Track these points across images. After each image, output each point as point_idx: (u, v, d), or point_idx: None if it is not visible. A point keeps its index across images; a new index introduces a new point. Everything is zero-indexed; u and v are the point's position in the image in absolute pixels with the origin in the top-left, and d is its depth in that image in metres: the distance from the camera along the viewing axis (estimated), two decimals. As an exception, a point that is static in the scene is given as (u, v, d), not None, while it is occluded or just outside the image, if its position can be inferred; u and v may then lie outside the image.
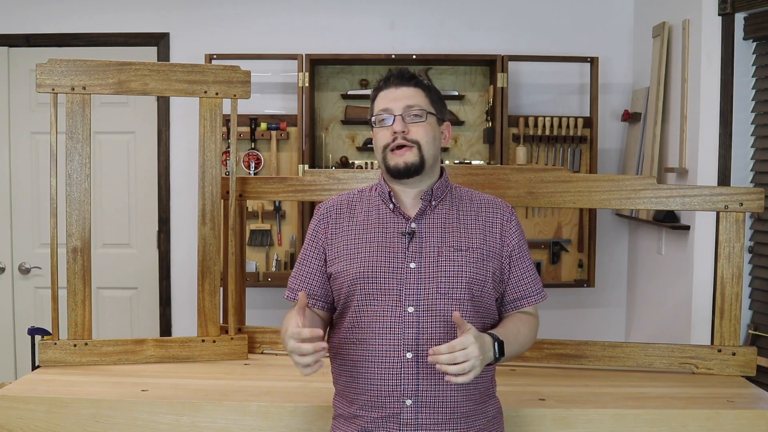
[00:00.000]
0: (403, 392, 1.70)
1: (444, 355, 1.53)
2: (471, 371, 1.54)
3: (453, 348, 1.53)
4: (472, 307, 1.73)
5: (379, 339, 1.71)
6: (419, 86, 1.79)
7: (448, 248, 1.74)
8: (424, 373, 1.69)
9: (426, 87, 1.81)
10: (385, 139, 1.76)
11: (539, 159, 3.73)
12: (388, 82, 1.80)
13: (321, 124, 3.88)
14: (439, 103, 1.83)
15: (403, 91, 1.77)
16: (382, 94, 1.80)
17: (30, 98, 3.90)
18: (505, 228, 1.81)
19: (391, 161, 1.75)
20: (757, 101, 3.10)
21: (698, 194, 2.44)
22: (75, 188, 2.48)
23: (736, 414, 2.09)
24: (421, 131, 1.75)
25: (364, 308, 1.73)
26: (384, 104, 1.77)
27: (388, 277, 1.72)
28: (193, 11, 3.87)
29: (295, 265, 1.88)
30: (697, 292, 3.14)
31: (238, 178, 2.63)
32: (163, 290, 3.95)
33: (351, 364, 1.75)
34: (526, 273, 1.83)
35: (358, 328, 1.74)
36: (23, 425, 2.11)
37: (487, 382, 1.79)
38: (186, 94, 2.54)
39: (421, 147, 1.75)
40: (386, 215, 1.79)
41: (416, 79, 1.80)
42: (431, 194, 1.79)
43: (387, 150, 1.76)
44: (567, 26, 3.87)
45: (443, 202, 1.81)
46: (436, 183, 1.81)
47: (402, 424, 1.70)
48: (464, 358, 1.53)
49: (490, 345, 1.63)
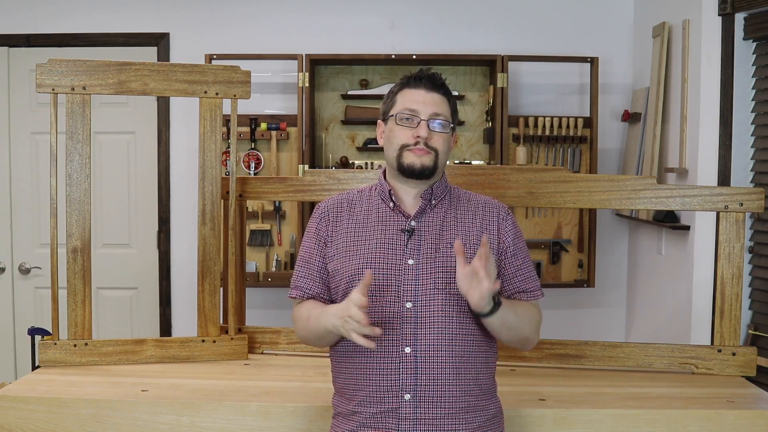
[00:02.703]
0: (402, 387, 1.71)
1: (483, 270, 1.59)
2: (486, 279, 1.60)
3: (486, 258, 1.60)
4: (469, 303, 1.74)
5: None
6: (447, 95, 1.82)
7: (445, 245, 1.76)
8: (422, 368, 1.70)
9: (450, 96, 1.84)
10: (406, 139, 1.77)
11: (539, 159, 3.73)
12: (419, 83, 1.80)
13: (321, 124, 3.88)
14: (455, 113, 1.86)
15: (433, 96, 1.79)
16: (411, 92, 1.80)
17: (30, 98, 3.90)
18: (501, 225, 1.83)
19: (407, 159, 1.77)
20: (757, 101, 3.10)
21: (698, 194, 2.44)
22: (75, 188, 2.48)
23: (736, 414, 2.09)
24: (441, 141, 1.78)
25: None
26: (412, 104, 1.78)
27: (386, 274, 1.74)
28: (193, 11, 3.87)
29: (297, 264, 1.88)
30: (697, 292, 3.14)
31: (238, 178, 2.62)
32: (163, 290, 3.95)
33: (350, 360, 1.76)
34: (522, 270, 1.84)
35: None
36: (23, 425, 2.11)
37: (487, 379, 1.79)
38: (186, 94, 2.54)
39: (438, 155, 1.78)
40: (386, 213, 1.81)
41: (446, 87, 1.82)
42: (431, 193, 1.81)
43: (404, 149, 1.77)
44: (567, 26, 3.87)
45: (442, 201, 1.83)
46: (436, 183, 1.83)
47: (400, 419, 1.70)
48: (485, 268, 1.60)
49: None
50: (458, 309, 1.73)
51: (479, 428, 1.75)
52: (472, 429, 1.74)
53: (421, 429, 1.70)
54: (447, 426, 1.71)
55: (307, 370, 2.45)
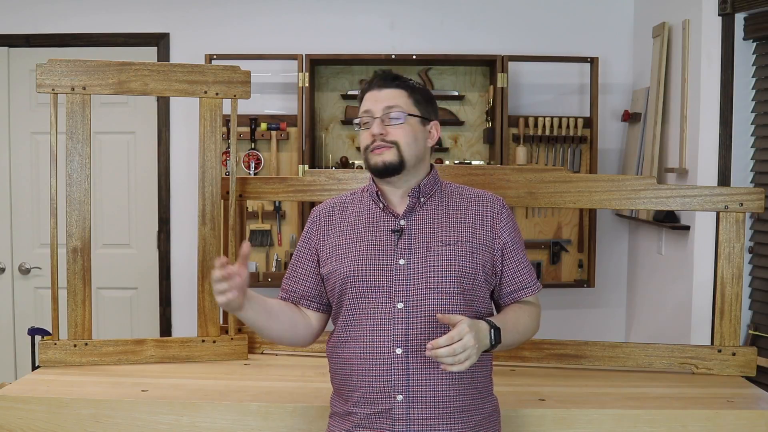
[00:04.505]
0: (394, 388, 1.71)
1: (443, 348, 1.53)
2: (467, 360, 1.55)
3: (451, 340, 1.54)
4: (463, 301, 1.74)
5: (369, 335, 1.73)
6: (401, 87, 1.80)
7: (436, 243, 1.75)
8: (414, 369, 1.70)
9: (409, 87, 1.81)
10: (366, 141, 1.79)
11: (539, 159, 3.73)
12: (371, 84, 1.82)
13: (321, 124, 3.88)
14: (424, 104, 1.82)
15: (386, 93, 1.79)
16: (367, 95, 1.82)
17: (30, 98, 3.90)
18: (496, 220, 1.81)
19: (371, 160, 1.78)
20: (757, 101, 3.10)
21: (698, 194, 2.44)
22: (75, 188, 2.48)
23: (736, 414, 2.09)
24: (400, 132, 1.77)
25: (355, 306, 1.76)
26: (366, 106, 1.80)
27: (377, 275, 1.74)
28: (193, 11, 3.87)
29: (288, 267, 1.91)
30: (697, 293, 3.14)
31: (238, 179, 2.62)
32: (163, 290, 3.95)
33: (345, 361, 1.77)
34: (521, 265, 1.83)
35: (350, 326, 1.76)
36: (23, 425, 2.11)
37: (483, 379, 1.79)
38: (186, 95, 2.54)
39: (400, 147, 1.76)
40: (376, 214, 1.81)
41: (399, 80, 1.81)
42: (419, 191, 1.80)
43: (367, 151, 1.79)
44: (567, 26, 3.87)
45: (432, 198, 1.82)
46: (424, 180, 1.81)
47: (394, 419, 1.70)
48: (462, 349, 1.54)
49: (486, 332, 1.63)
50: (450, 309, 1.71)
51: (475, 427, 1.75)
52: (468, 428, 1.73)
53: (414, 429, 1.70)
54: (441, 426, 1.71)
55: (307, 370, 2.45)
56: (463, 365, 1.55)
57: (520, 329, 1.77)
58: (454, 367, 1.54)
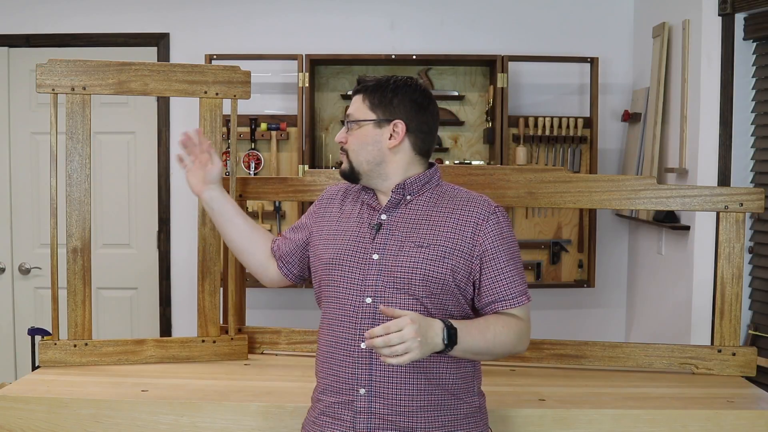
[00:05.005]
0: (358, 381, 1.71)
1: (378, 338, 1.51)
2: (407, 354, 1.50)
3: (388, 329, 1.50)
4: (431, 304, 1.70)
5: (339, 326, 1.75)
6: (360, 92, 1.83)
7: (410, 243, 1.73)
8: (378, 364, 1.70)
9: (367, 90, 1.81)
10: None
11: (539, 159, 3.73)
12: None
13: (321, 124, 3.88)
14: (383, 104, 1.78)
15: (352, 101, 1.85)
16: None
17: (30, 98, 3.90)
18: (480, 227, 1.73)
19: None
20: (757, 101, 3.10)
21: (698, 194, 2.44)
22: (75, 188, 2.48)
23: (736, 414, 2.09)
24: (350, 139, 1.83)
25: (330, 295, 1.79)
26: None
27: (351, 266, 1.76)
28: (193, 11, 3.87)
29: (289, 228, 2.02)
30: (697, 293, 3.14)
31: (238, 179, 2.62)
32: (163, 290, 3.95)
33: (320, 348, 1.83)
34: (500, 275, 1.73)
35: (326, 314, 1.81)
36: (23, 425, 2.11)
37: (456, 380, 1.74)
38: (186, 95, 2.54)
39: (348, 155, 1.83)
40: (366, 207, 1.84)
41: (361, 85, 1.84)
42: (404, 188, 1.79)
43: None
44: (567, 26, 3.87)
45: (421, 197, 1.80)
46: (411, 177, 1.80)
47: (356, 411, 1.71)
48: (399, 340, 1.50)
49: (438, 330, 1.57)
50: (419, 311, 1.67)
51: (443, 427, 1.72)
52: (435, 428, 1.71)
53: (375, 423, 1.70)
54: (403, 423, 1.69)
55: (307, 370, 2.44)
56: (401, 358, 1.50)
57: (489, 337, 1.66)
58: (393, 359, 1.50)
